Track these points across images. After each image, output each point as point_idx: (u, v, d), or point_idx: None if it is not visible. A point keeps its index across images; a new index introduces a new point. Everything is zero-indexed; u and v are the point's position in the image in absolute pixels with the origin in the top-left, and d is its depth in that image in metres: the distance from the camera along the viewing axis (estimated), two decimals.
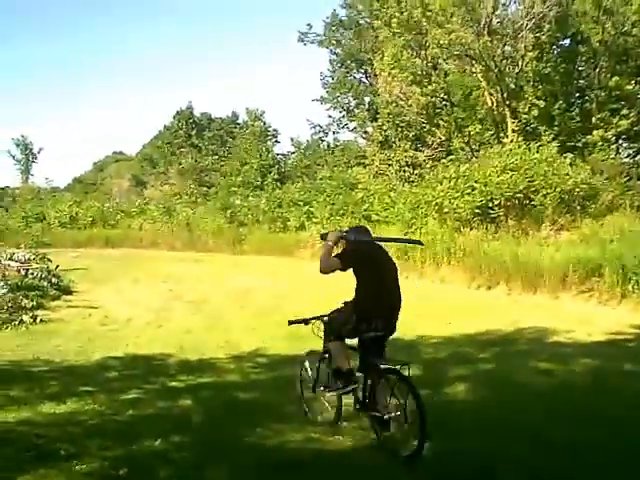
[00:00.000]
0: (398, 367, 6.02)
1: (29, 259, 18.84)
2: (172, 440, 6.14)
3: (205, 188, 46.41)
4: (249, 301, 16.51)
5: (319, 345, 10.36)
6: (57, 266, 19.16)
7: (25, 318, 13.47)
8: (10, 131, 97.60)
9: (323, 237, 6.72)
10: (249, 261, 25.10)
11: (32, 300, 14.83)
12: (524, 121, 26.43)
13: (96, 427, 6.65)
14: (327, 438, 6.25)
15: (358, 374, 6.37)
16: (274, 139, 49.61)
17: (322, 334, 6.66)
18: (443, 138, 30.29)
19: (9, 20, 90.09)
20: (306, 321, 6.79)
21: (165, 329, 13.23)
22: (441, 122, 30.30)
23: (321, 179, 34.60)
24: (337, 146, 44.17)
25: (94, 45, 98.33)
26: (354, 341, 6.48)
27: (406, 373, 5.97)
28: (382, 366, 6.13)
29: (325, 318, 6.60)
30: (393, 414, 5.89)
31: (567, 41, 27.90)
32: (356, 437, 6.22)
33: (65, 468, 5.37)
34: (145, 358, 10.38)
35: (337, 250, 6.54)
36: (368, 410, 6.19)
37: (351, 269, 6.38)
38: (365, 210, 26.21)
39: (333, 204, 27.91)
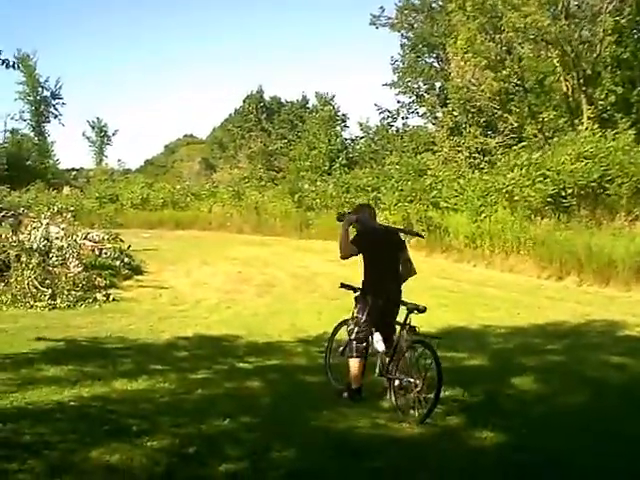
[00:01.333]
0: (428, 340, 6.58)
1: (102, 239, 19.28)
2: (241, 420, 6.22)
3: (274, 172, 46.67)
4: (316, 285, 16.58)
5: None
6: (129, 246, 19.57)
7: (98, 296, 13.84)
8: (87, 113, 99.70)
9: (340, 219, 7.26)
10: (316, 246, 25.14)
11: (105, 279, 15.21)
12: (600, 108, 25.71)
13: (167, 405, 6.79)
14: (394, 425, 6.23)
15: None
16: (343, 124, 49.44)
17: None
18: (515, 124, 29.75)
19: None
20: (354, 289, 7.31)
21: (233, 311, 13.40)
22: (514, 108, 29.74)
23: (389, 165, 34.37)
24: (406, 131, 43.74)
25: (168, 30, 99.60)
26: None
27: (435, 346, 6.46)
28: (414, 337, 6.67)
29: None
30: (412, 380, 6.36)
31: None
32: (425, 425, 6.18)
33: (137, 443, 5.49)
34: (214, 339, 10.53)
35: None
36: (389, 375, 6.69)
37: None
38: (433, 197, 25.93)
39: (401, 190, 27.68)
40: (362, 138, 46.90)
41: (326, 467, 5.11)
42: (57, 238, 15.53)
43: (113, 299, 14.01)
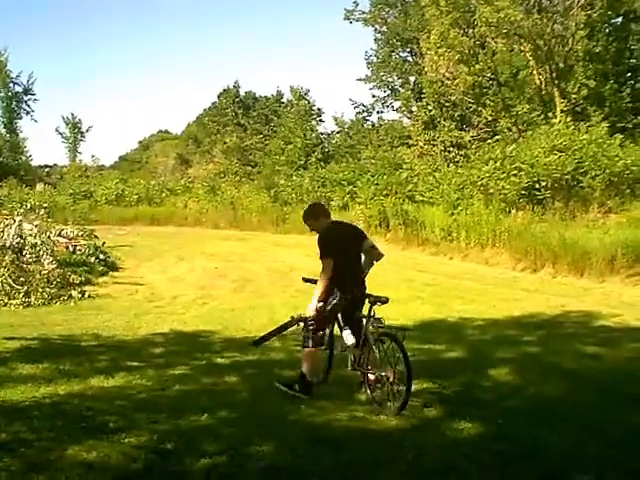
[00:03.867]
0: (394, 332, 6.62)
1: (77, 235, 19.15)
2: (219, 415, 6.22)
3: (249, 167, 46.58)
4: (292, 280, 16.48)
5: None
6: (104, 243, 19.46)
7: (74, 293, 13.74)
8: (60, 109, 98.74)
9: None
10: (292, 240, 25.13)
11: (80, 276, 15.11)
12: (573, 101, 25.92)
13: (144, 401, 6.77)
14: (372, 417, 6.26)
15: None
16: (318, 118, 49.40)
17: None
18: (489, 118, 29.88)
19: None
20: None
21: (210, 306, 13.38)
22: (488, 102, 29.87)
23: (365, 159, 34.43)
24: (381, 126, 43.88)
25: (140, 25, 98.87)
26: None
27: (402, 338, 6.49)
28: (380, 329, 6.76)
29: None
30: (384, 373, 6.46)
31: (619, 19, 27.25)
32: (402, 417, 6.21)
33: (114, 440, 5.46)
34: (190, 335, 10.51)
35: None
36: (361, 368, 6.80)
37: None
38: (409, 190, 26.05)
39: (377, 184, 27.79)
40: (337, 132, 46.96)
41: (305, 460, 5.11)
42: (31, 235, 15.39)
43: (89, 296, 13.93)
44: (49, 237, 15.70)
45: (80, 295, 13.74)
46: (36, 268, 14.13)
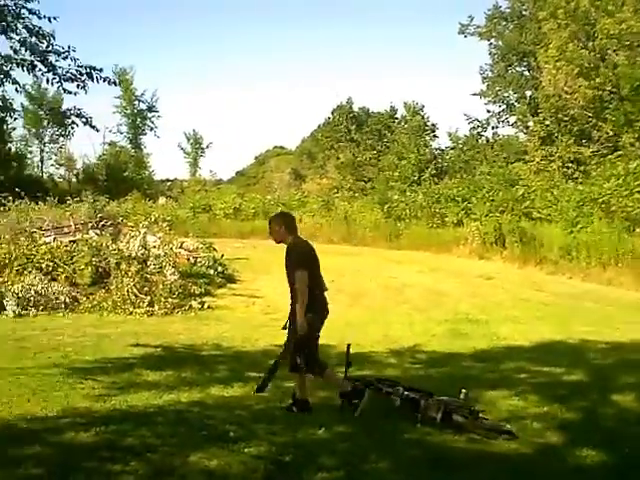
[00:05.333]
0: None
1: (197, 248, 19.71)
2: (335, 430, 6.26)
3: (362, 182, 46.77)
4: (407, 296, 16.51)
5: (477, 342, 10.26)
6: (222, 255, 19.91)
7: (194, 304, 14.18)
8: (181, 125, 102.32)
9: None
10: (406, 256, 25.03)
11: (200, 287, 15.57)
12: None
13: (262, 412, 6.90)
14: (490, 441, 6.14)
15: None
16: (432, 134, 49.14)
17: None
18: (611, 133, 28.88)
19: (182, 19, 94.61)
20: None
21: (326, 320, 13.44)
22: (608, 116, 28.89)
23: (480, 175, 33.93)
24: (496, 141, 43.21)
25: (260, 42, 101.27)
26: None
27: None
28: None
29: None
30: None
31: None
32: (520, 441, 6.07)
33: (234, 449, 5.61)
34: None
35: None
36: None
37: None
38: (526, 207, 25.49)
39: (492, 200, 27.33)
40: (452, 148, 46.51)
41: None
42: (154, 247, 16.01)
43: (208, 307, 14.33)
44: (171, 249, 16.27)
45: (200, 306, 14.17)
46: (159, 279, 14.67)
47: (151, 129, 61.67)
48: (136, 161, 57.97)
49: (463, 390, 6.58)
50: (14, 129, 50.80)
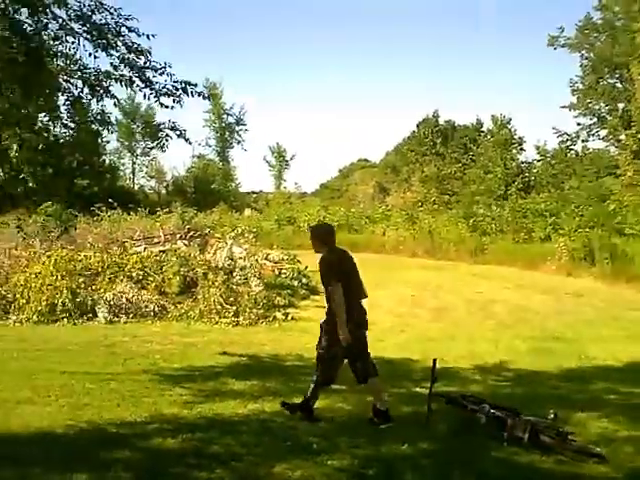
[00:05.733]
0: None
1: (281, 259, 19.93)
2: (419, 446, 6.20)
3: (447, 196, 46.34)
4: (491, 312, 16.25)
5: (564, 361, 9.99)
6: (306, 267, 20.06)
7: (278, 315, 14.36)
8: (268, 138, 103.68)
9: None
10: (491, 271, 24.62)
11: (284, 298, 15.74)
12: None
13: (345, 425, 6.91)
14: (579, 463, 5.97)
15: None
16: (519, 147, 48.29)
17: None
18: None
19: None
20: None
21: (408, 335, 13.41)
22: None
23: (569, 189, 33.16)
24: (586, 155, 42.09)
25: (345, 56, 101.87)
26: None
27: None
28: None
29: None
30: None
31: None
32: (612, 465, 5.87)
33: (318, 461, 5.62)
34: (389, 362, 10.55)
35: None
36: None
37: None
38: (617, 223, 24.73)
39: (582, 215, 26.63)
40: (539, 161, 45.57)
41: None
42: (240, 258, 16.29)
43: (292, 318, 14.48)
44: (256, 260, 16.52)
45: (284, 317, 14.34)
46: (244, 289, 14.92)
47: (238, 142, 62.94)
48: (223, 174, 59.18)
49: (551, 410, 6.42)
50: (108, 142, 52.53)
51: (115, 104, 6.77)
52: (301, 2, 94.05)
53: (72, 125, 6.78)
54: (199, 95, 6.50)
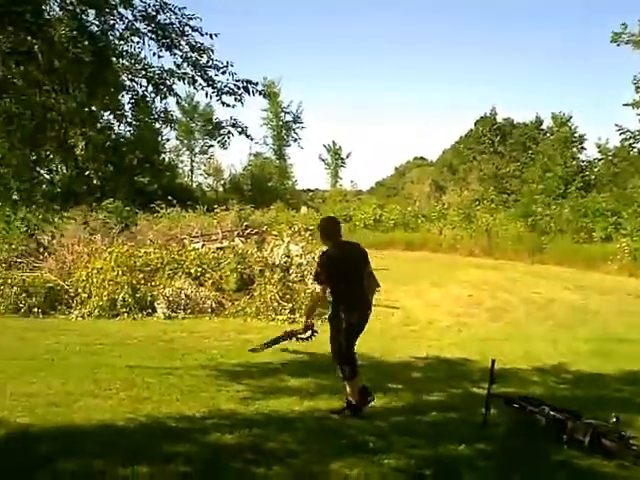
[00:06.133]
0: None
1: None
2: (476, 447, 6.13)
3: (505, 195, 45.75)
4: (550, 313, 15.99)
5: (627, 363, 9.77)
6: None
7: None
8: (324, 136, 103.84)
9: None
10: (550, 271, 24.26)
11: None
12: None
13: (402, 424, 6.87)
14: None
15: None
16: (580, 145, 47.35)
17: None
18: None
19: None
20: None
21: (465, 334, 13.29)
22: None
23: (632, 188, 32.37)
24: None
25: (403, 53, 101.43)
26: None
27: None
28: None
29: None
30: None
31: None
32: None
33: (374, 460, 5.61)
34: (447, 361, 10.50)
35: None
36: None
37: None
38: None
39: None
40: (600, 160, 44.58)
41: None
42: (297, 255, 16.34)
43: None
44: (313, 258, 16.53)
45: None
46: (301, 287, 14.95)
47: (295, 140, 63.22)
48: (280, 171, 59.57)
49: (614, 414, 6.29)
50: (168, 140, 53.36)
51: (177, 102, 6.90)
52: None
53: (135, 123, 6.91)
54: (260, 94, 6.55)
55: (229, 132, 6.50)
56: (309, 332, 7.57)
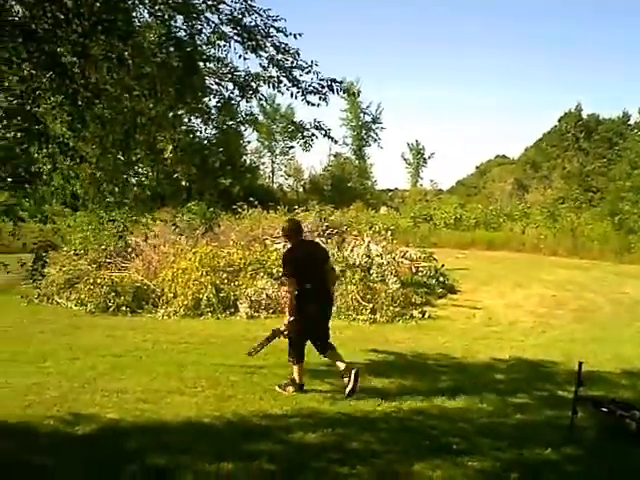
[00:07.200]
0: None
1: (418, 257, 19.80)
2: (563, 451, 6.03)
3: (591, 193, 44.60)
4: (638, 314, 15.46)
5: None
6: (442, 265, 19.86)
7: (415, 313, 14.29)
8: (403, 135, 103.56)
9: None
10: (638, 271, 23.45)
11: (421, 297, 15.62)
12: None
13: (485, 426, 6.81)
14: None
15: None
16: None
17: None
18: None
19: None
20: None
21: (549, 335, 13.01)
22: None
23: None
24: None
25: (478, 44, 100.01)
26: None
27: None
28: None
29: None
30: None
31: None
32: None
33: (458, 462, 5.59)
34: (530, 363, 10.30)
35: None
36: None
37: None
38: None
39: None
40: None
41: None
42: (377, 255, 16.31)
43: (428, 316, 14.37)
44: (393, 258, 16.51)
45: (421, 315, 14.25)
46: (381, 287, 14.93)
47: (375, 140, 63.22)
48: (359, 171, 59.68)
49: None
50: (249, 142, 54.07)
51: (262, 104, 7.01)
52: None
53: (221, 126, 7.04)
54: (344, 92, 6.58)
55: (312, 134, 6.55)
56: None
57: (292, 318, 7.93)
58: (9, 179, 5.35)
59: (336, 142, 7.35)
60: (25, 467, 5.43)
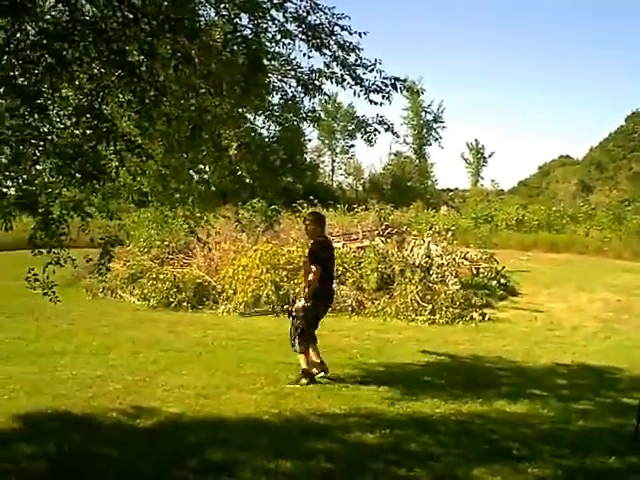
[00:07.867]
0: None
1: (479, 258, 19.54)
2: (627, 460, 5.86)
3: None
4: None
5: None
6: (503, 267, 19.55)
7: (475, 315, 14.13)
8: (464, 135, 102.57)
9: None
10: None
11: (481, 298, 15.42)
12: None
13: (547, 432, 6.68)
14: None
15: None
16: None
17: None
18: None
19: None
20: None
21: (613, 341, 12.71)
22: None
23: None
24: None
25: (542, 42, 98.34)
26: None
27: None
28: None
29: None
30: None
31: None
32: None
33: (518, 468, 5.49)
34: (593, 369, 10.08)
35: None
36: None
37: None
38: None
39: None
40: None
41: None
42: (437, 256, 16.16)
43: (489, 319, 14.19)
44: (454, 259, 16.33)
45: (481, 317, 14.09)
46: (441, 288, 14.80)
47: (435, 139, 62.81)
48: (420, 171, 59.32)
49: None
50: (310, 140, 54.33)
51: (326, 101, 7.01)
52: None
53: (284, 124, 7.09)
54: (407, 90, 6.53)
55: (375, 129, 6.50)
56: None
57: (309, 303, 8.19)
58: (78, 175, 5.45)
59: (399, 137, 7.37)
60: (89, 457, 5.54)
